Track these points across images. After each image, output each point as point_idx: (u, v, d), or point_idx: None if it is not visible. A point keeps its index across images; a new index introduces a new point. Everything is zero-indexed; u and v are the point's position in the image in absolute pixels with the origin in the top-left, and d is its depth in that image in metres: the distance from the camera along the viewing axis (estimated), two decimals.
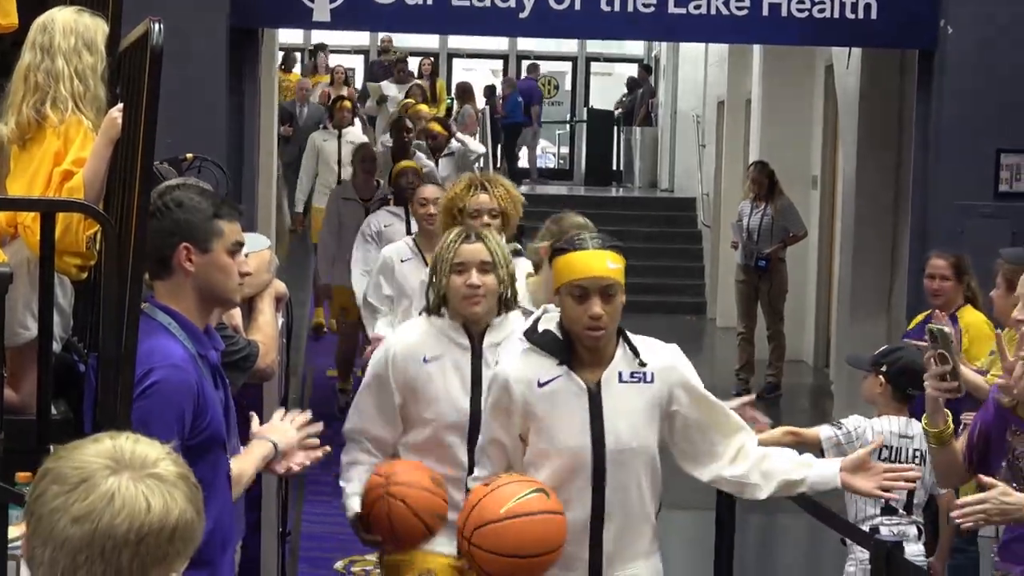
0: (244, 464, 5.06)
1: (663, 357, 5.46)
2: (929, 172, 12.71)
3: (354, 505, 6.28)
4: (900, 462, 7.44)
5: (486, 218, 7.46)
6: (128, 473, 2.54)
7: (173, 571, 2.61)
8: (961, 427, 6.39)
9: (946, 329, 5.43)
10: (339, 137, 16.29)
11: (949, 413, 5.84)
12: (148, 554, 2.54)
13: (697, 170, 24.80)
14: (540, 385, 5.31)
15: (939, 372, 5.29)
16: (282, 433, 5.23)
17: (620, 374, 5.33)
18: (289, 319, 7.50)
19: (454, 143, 16.32)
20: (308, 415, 5.45)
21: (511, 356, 5.58)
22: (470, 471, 5.83)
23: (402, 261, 9.28)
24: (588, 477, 5.31)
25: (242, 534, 5.82)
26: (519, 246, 8.19)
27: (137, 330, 4.68)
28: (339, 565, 10.20)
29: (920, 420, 6.25)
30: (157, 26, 4.90)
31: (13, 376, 5.11)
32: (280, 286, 6.64)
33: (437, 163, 15.18)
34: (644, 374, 5.33)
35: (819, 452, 7.38)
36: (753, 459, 5.50)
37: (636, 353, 5.36)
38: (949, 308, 9.12)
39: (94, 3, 5.93)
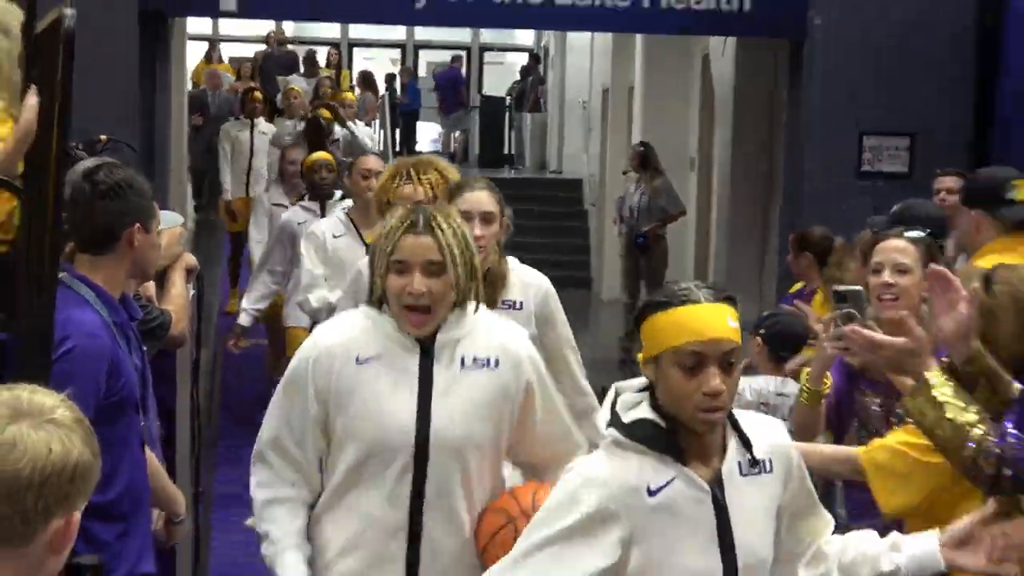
0: None
1: (773, 436, 3.83)
2: (798, 154, 12.87)
3: (291, 563, 4.50)
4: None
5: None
6: (28, 420, 2.59)
7: (75, 509, 2.65)
8: None
9: (856, 287, 5.41)
10: (252, 127, 16.16)
11: (830, 375, 5.89)
12: (51, 495, 2.58)
13: (583, 153, 24.91)
14: (651, 493, 3.54)
15: (839, 333, 4.92)
16: None
17: (739, 466, 3.64)
18: (200, 290, 7.46)
19: (338, 130, 15.84)
20: None
21: (597, 461, 3.74)
22: (415, 511, 4.25)
23: (335, 236, 8.40)
24: None
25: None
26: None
27: (54, 301, 4.67)
28: (249, 522, 10.16)
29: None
30: (70, 11, 4.89)
31: None
32: (190, 259, 6.65)
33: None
34: (763, 462, 3.69)
35: None
36: (834, 553, 3.96)
37: (749, 445, 3.68)
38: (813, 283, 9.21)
39: None
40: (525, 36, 31.24)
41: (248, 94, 17.43)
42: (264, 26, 24.97)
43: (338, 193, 10.19)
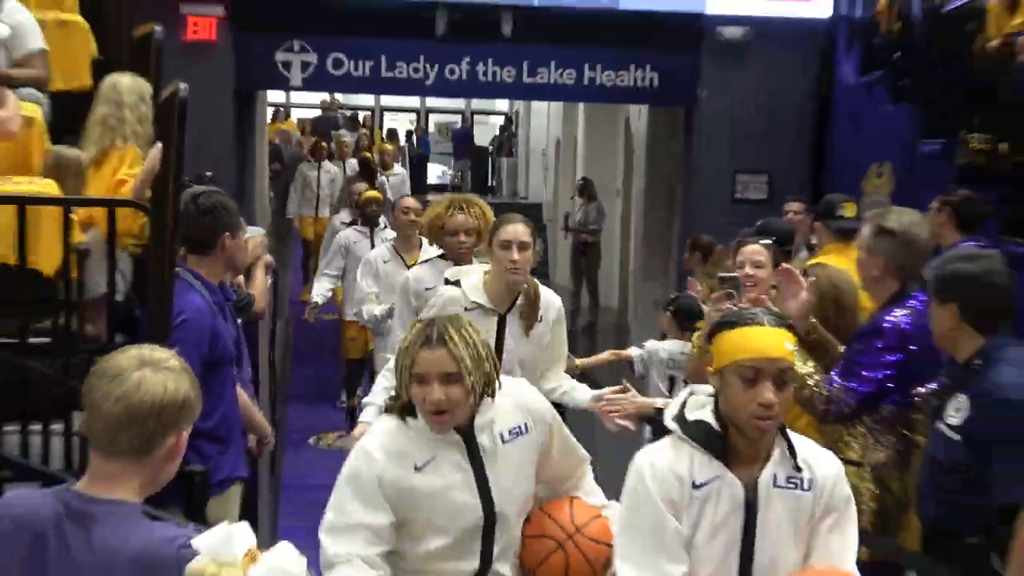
0: None
1: (828, 466, 3.29)
2: (690, 187, 12.88)
3: None
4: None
5: (462, 236, 5.98)
6: (150, 368, 2.60)
7: (183, 431, 2.67)
8: None
9: (735, 274, 5.40)
10: (319, 168, 16.13)
11: None
12: (165, 420, 2.60)
13: (543, 185, 24.76)
14: (696, 486, 3.20)
15: (723, 305, 4.76)
16: None
17: (775, 477, 3.21)
18: (275, 280, 7.46)
19: (399, 169, 16.19)
20: None
21: (660, 452, 3.31)
22: (485, 561, 3.55)
23: (384, 262, 7.94)
24: None
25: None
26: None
27: (172, 288, 4.69)
28: (311, 440, 10.14)
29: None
30: (183, 85, 4.89)
31: (93, 317, 5.08)
32: (268, 258, 6.75)
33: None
34: (800, 480, 3.22)
35: (630, 366, 7.38)
36: None
37: (794, 454, 3.25)
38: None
39: (140, 69, 5.85)
40: (502, 104, 31.04)
41: (317, 144, 17.43)
42: (319, 96, 24.81)
43: (383, 221, 9.88)
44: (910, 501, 4.48)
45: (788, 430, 3.33)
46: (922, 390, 4.71)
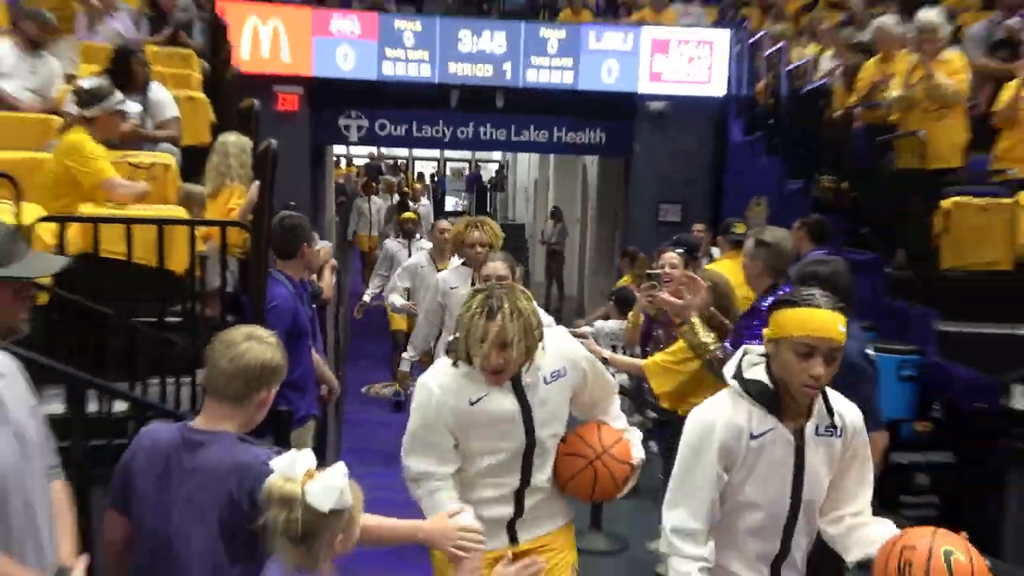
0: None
1: (854, 415, 2.95)
2: (628, 213, 12.84)
3: (446, 500, 3.14)
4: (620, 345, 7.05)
5: (477, 247, 5.55)
6: (254, 340, 2.59)
7: (273, 387, 2.65)
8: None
9: (658, 271, 5.38)
10: (369, 201, 16.13)
11: (642, 316, 5.93)
12: (263, 378, 2.59)
13: (525, 211, 24.79)
14: (753, 437, 2.85)
15: (650, 294, 4.66)
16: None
17: (817, 427, 2.88)
18: (338, 277, 7.43)
19: (425, 200, 16.23)
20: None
21: (720, 402, 2.91)
22: (526, 477, 3.22)
23: (422, 267, 7.51)
24: (781, 528, 2.90)
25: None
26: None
27: (266, 282, 4.68)
28: (363, 390, 10.10)
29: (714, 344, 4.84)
30: (273, 142, 4.88)
31: (211, 303, 5.06)
32: (333, 262, 6.72)
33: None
34: (836, 428, 2.90)
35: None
36: (848, 524, 2.99)
37: (829, 407, 2.90)
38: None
39: (244, 130, 5.82)
40: (497, 155, 30.97)
41: (368, 184, 17.47)
42: (369, 150, 24.84)
43: (419, 235, 9.61)
44: None
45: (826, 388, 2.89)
46: None
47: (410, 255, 8.73)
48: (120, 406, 3.74)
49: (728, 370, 2.93)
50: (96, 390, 3.67)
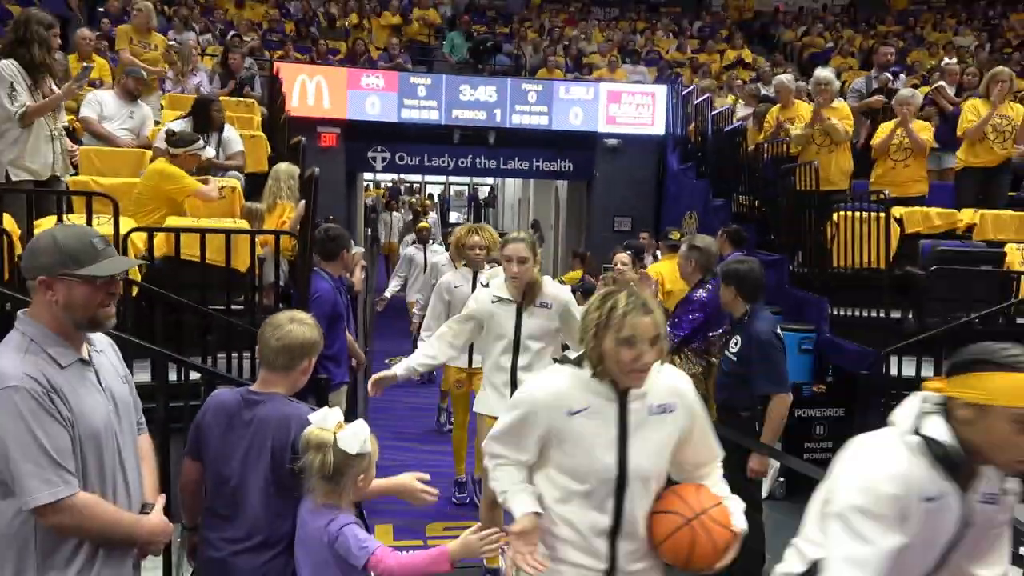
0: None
1: (1014, 484, 1.97)
2: (590, 225, 12.76)
3: (524, 500, 2.24)
4: None
5: (477, 250, 5.12)
6: (296, 322, 2.50)
7: (313, 358, 2.55)
8: None
9: (613, 266, 5.32)
10: (391, 215, 15.96)
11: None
12: (304, 352, 2.51)
13: (512, 223, 24.63)
14: (928, 500, 1.83)
15: (607, 285, 4.59)
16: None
17: (982, 493, 1.91)
18: (367, 275, 7.33)
19: (433, 215, 15.80)
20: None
21: (899, 459, 1.84)
22: (616, 523, 2.21)
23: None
24: None
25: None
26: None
27: (310, 278, 4.58)
28: (387, 360, 9.96)
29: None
30: (316, 170, 4.78)
31: (267, 294, 4.99)
32: (364, 262, 6.56)
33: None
34: (996, 497, 1.93)
35: None
36: None
37: (1001, 476, 1.93)
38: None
39: (293, 160, 5.74)
40: (490, 180, 30.85)
41: (389, 202, 17.29)
42: (391, 176, 24.71)
43: (431, 240, 8.94)
44: (711, 395, 4.44)
45: None
46: (715, 334, 4.67)
47: (425, 258, 8.34)
48: (194, 375, 3.65)
49: (902, 421, 1.93)
50: (175, 363, 3.58)
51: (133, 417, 2.26)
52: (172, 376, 3.64)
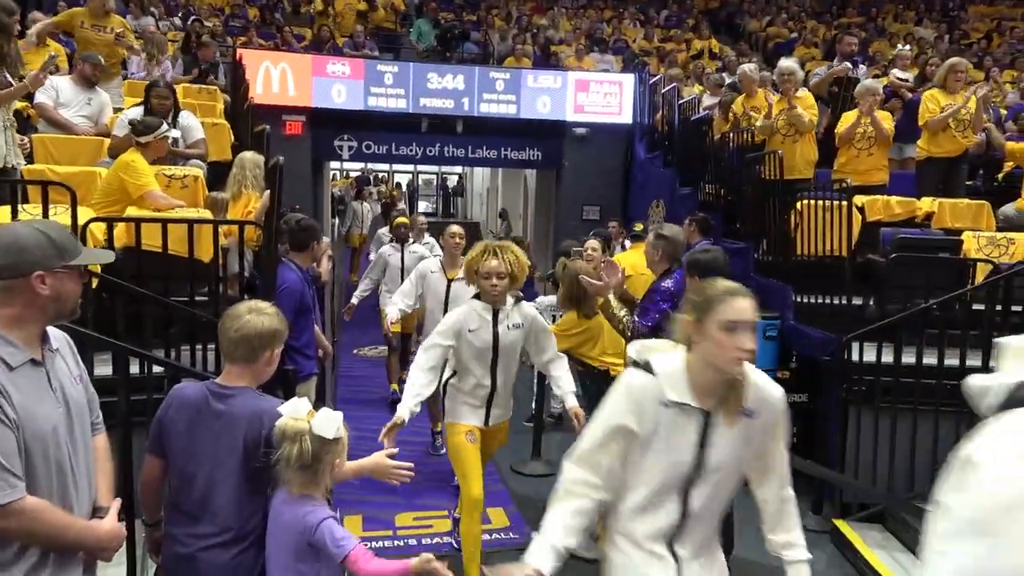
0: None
1: None
2: (560, 213, 12.75)
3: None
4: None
5: (494, 279, 3.80)
6: (255, 313, 2.47)
7: (277, 348, 2.51)
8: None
9: (583, 249, 5.32)
10: (362, 204, 15.77)
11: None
12: (265, 341, 2.47)
13: (480, 211, 24.63)
14: None
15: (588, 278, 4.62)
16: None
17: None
18: (334, 265, 7.24)
19: (402, 205, 15.59)
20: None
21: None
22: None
23: (431, 272, 5.65)
24: None
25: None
26: (521, 294, 4.25)
27: (276, 268, 4.52)
28: (355, 351, 9.91)
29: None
30: (281, 159, 4.71)
31: (232, 285, 4.90)
32: (330, 253, 6.52)
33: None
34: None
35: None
36: None
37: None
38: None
39: (258, 149, 5.64)
40: (458, 168, 30.71)
41: (359, 191, 17.11)
42: (359, 165, 24.48)
43: (411, 239, 7.63)
44: None
45: None
46: None
47: (402, 260, 7.35)
48: (157, 368, 3.58)
49: (993, 396, 1.36)
50: (136, 356, 3.51)
51: (87, 419, 2.19)
52: (135, 369, 3.56)
